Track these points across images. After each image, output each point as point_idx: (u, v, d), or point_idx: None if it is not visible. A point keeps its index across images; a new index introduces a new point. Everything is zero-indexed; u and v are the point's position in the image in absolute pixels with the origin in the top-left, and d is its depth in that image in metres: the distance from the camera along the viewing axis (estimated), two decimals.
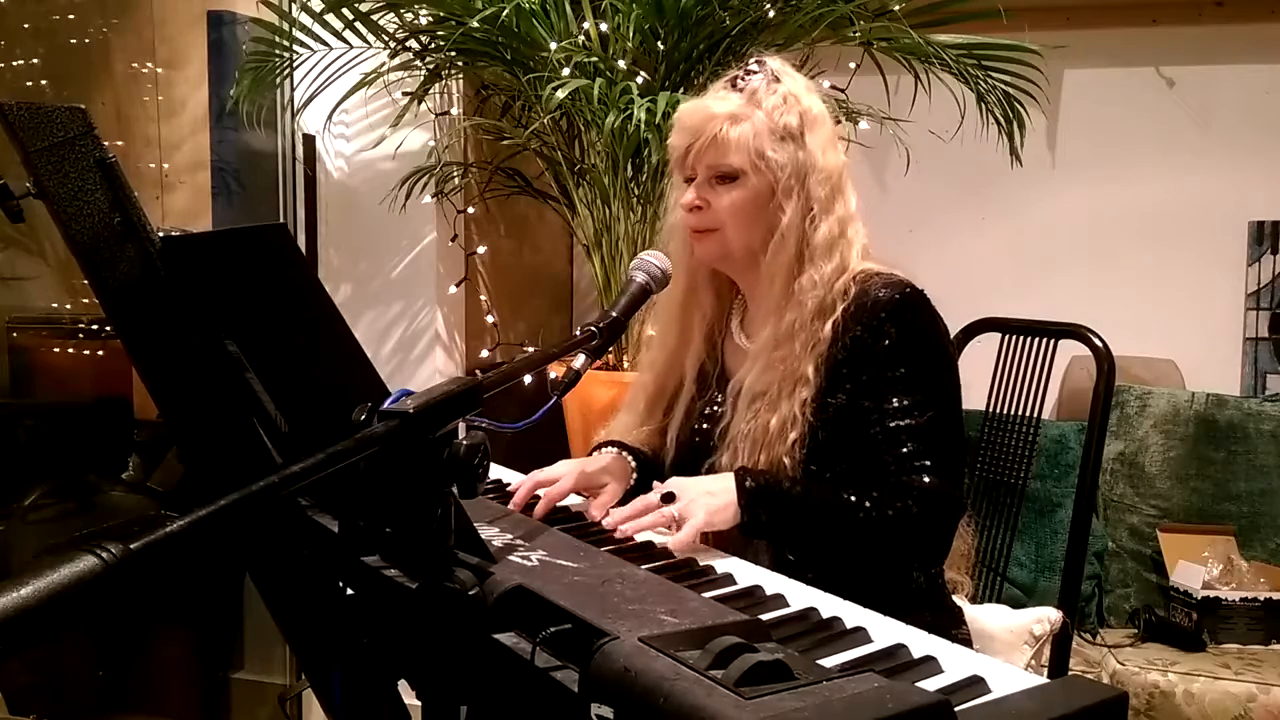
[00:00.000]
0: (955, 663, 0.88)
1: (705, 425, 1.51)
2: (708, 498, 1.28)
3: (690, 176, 1.44)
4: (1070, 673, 1.83)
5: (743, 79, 1.42)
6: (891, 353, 1.34)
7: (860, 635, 0.96)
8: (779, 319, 1.40)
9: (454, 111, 2.71)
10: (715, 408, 1.51)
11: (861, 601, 1.04)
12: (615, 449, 1.53)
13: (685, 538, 1.22)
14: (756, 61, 1.44)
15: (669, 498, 1.27)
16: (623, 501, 1.45)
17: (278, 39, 2.49)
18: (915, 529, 1.32)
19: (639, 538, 1.27)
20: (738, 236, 1.42)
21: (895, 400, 1.34)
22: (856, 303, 1.37)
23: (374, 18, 2.43)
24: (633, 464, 1.51)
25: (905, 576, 1.42)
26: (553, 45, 2.22)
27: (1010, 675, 0.85)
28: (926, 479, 1.31)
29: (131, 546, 0.59)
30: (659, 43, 2.26)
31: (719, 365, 1.55)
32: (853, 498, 1.31)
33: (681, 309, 1.54)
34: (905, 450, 1.33)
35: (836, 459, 1.36)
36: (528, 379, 1.80)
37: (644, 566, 1.09)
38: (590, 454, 1.56)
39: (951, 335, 1.49)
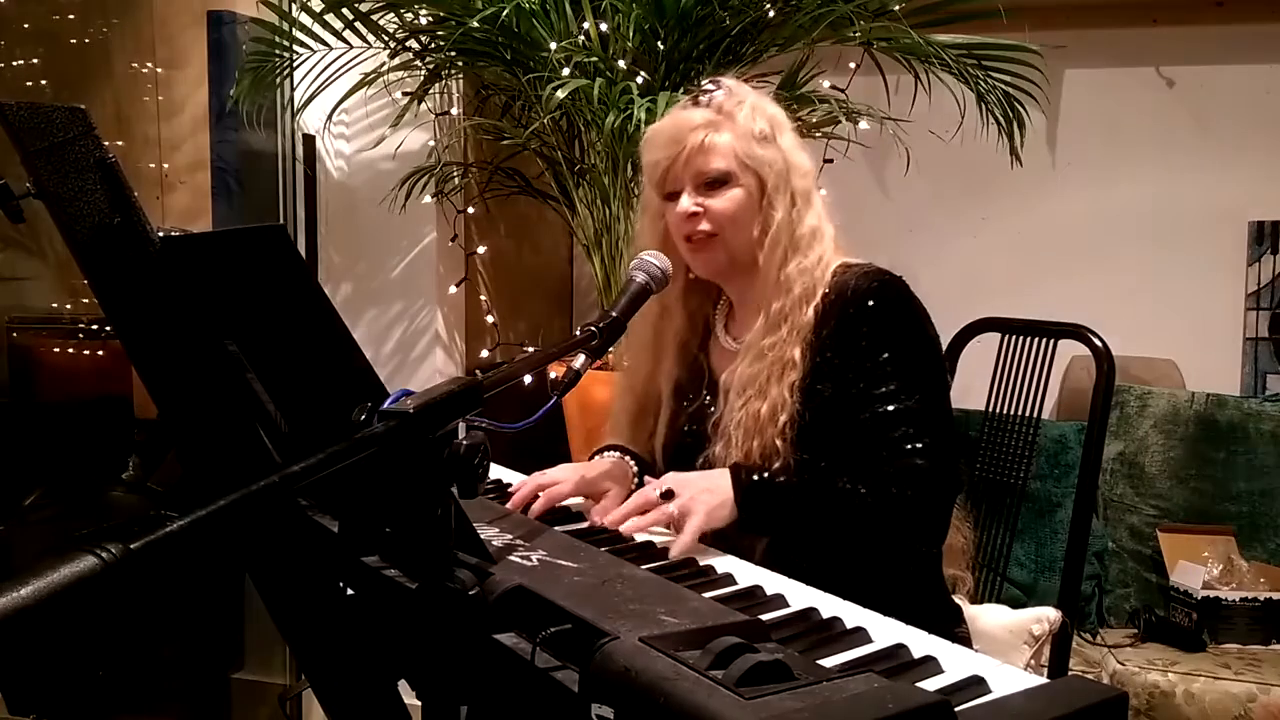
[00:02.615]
0: (955, 663, 0.88)
1: (694, 425, 1.52)
2: (706, 495, 1.28)
3: (673, 191, 1.46)
4: (1070, 673, 1.83)
5: (703, 97, 1.47)
6: (874, 339, 1.36)
7: (860, 635, 0.96)
8: (768, 309, 1.43)
9: (454, 111, 2.71)
10: (704, 407, 1.51)
11: (861, 600, 1.04)
12: (617, 453, 1.54)
13: (687, 539, 1.22)
14: (711, 81, 1.49)
15: (668, 494, 1.28)
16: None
17: (278, 39, 2.49)
18: (912, 511, 1.33)
19: (639, 537, 1.27)
20: (736, 237, 1.44)
21: (882, 385, 1.35)
22: (836, 291, 1.40)
23: (374, 18, 2.43)
24: (634, 468, 1.52)
25: (905, 574, 1.43)
26: (553, 45, 2.22)
27: (1010, 675, 0.85)
28: (920, 460, 1.32)
29: (131, 546, 0.59)
30: (659, 43, 2.26)
31: (706, 372, 1.56)
32: (848, 485, 1.32)
33: (654, 330, 1.57)
34: (896, 434, 1.34)
35: (826, 445, 1.37)
36: (528, 379, 1.80)
37: (644, 566, 1.09)
38: (591, 458, 1.57)
39: (951, 335, 1.50)
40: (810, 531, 1.34)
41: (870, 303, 1.37)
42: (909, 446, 1.33)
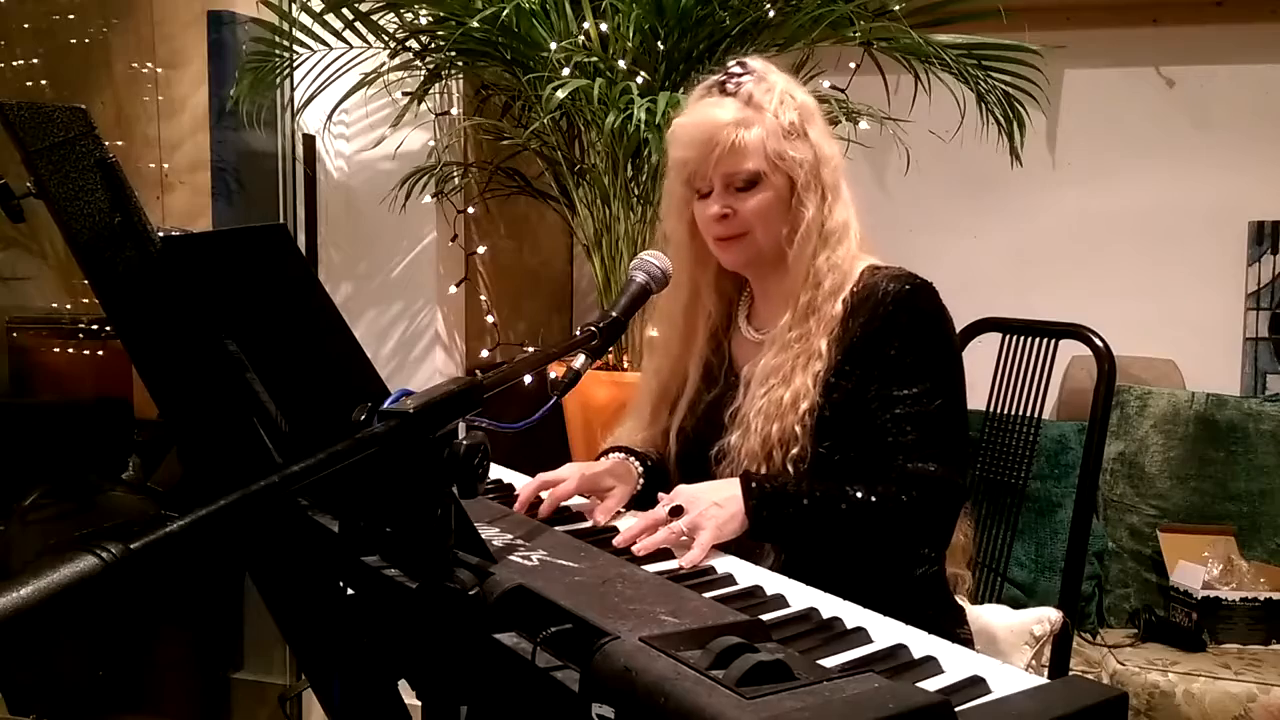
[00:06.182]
0: (956, 663, 0.88)
1: (712, 412, 1.51)
2: (715, 510, 1.27)
3: (701, 189, 1.44)
4: (1070, 673, 1.83)
5: (731, 84, 1.42)
6: (900, 342, 1.36)
7: (861, 635, 0.96)
8: (795, 303, 1.43)
9: (454, 111, 2.71)
10: (722, 395, 1.51)
11: (864, 601, 1.04)
12: (621, 454, 1.53)
13: (696, 554, 1.21)
14: (738, 64, 1.45)
15: (677, 511, 1.27)
16: (629, 506, 1.46)
17: (278, 39, 2.49)
18: (920, 518, 1.33)
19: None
20: (766, 237, 1.43)
21: (903, 388, 1.35)
22: (867, 291, 1.40)
23: (374, 18, 2.43)
24: (639, 469, 1.51)
25: (908, 575, 1.43)
26: (553, 45, 2.22)
27: (1010, 675, 0.85)
28: (931, 466, 1.33)
29: (131, 546, 0.59)
30: (659, 43, 2.26)
31: (726, 360, 1.56)
32: (858, 493, 1.31)
33: (685, 314, 1.56)
34: (911, 438, 1.34)
35: (844, 440, 1.37)
36: (528, 379, 1.80)
37: (645, 567, 1.09)
38: (596, 459, 1.56)
39: None
40: (820, 539, 1.34)
41: (901, 306, 1.36)
42: (922, 451, 1.33)
